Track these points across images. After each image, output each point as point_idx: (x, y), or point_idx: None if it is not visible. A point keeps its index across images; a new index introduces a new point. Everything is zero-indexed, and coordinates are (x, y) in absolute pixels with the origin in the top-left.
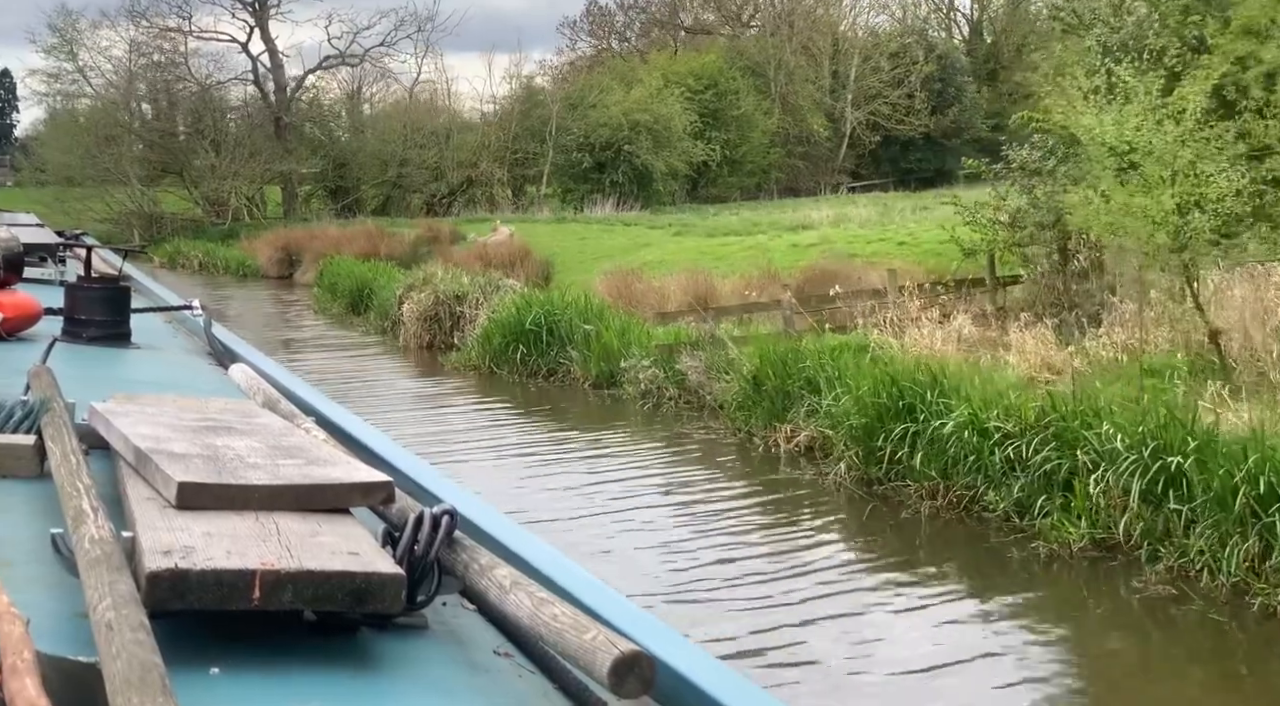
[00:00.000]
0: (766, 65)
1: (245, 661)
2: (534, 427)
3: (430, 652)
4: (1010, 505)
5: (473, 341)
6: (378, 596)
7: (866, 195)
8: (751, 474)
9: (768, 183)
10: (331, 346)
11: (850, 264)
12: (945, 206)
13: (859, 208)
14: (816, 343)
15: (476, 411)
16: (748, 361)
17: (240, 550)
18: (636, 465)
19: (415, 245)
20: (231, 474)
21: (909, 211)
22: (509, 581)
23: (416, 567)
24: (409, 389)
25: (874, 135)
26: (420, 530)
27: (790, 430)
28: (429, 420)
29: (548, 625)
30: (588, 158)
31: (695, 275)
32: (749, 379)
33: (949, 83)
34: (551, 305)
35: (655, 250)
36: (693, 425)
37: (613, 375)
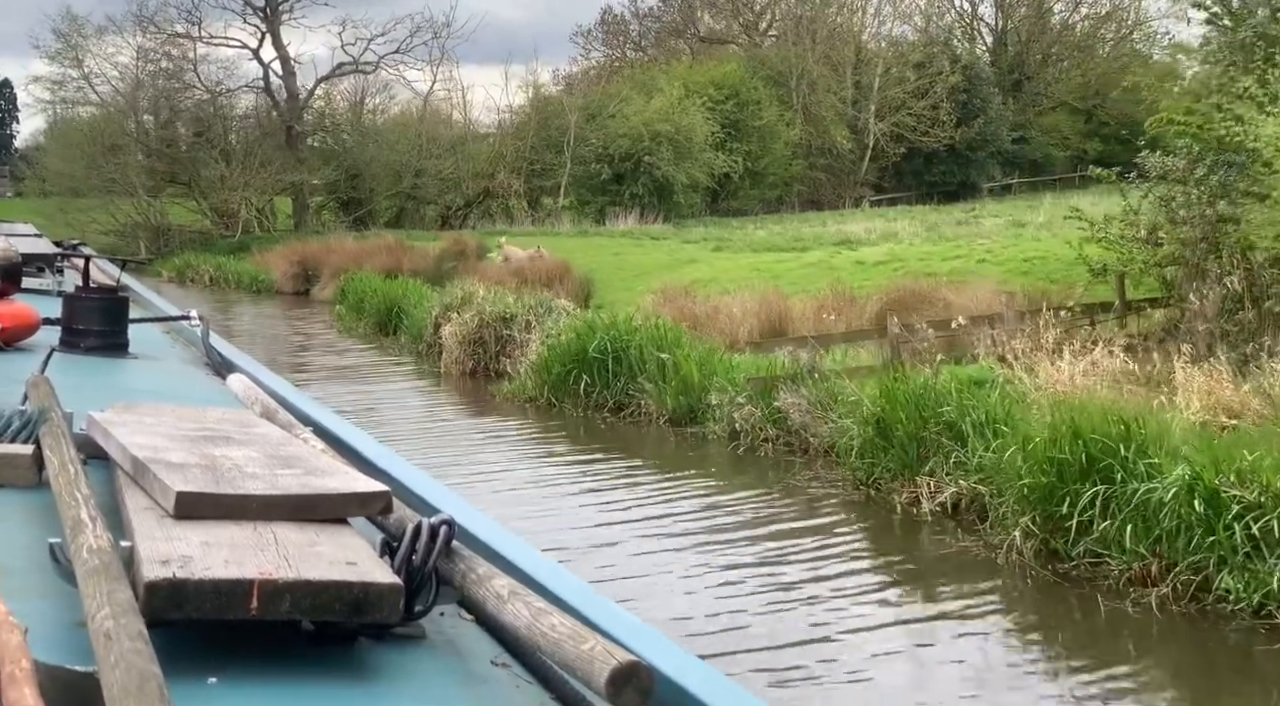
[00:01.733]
0: (788, 75)
1: (243, 671)
2: (608, 473)
3: (428, 663)
4: (1261, 596)
5: (526, 370)
6: (375, 606)
7: (893, 209)
8: (889, 540)
9: (789, 196)
10: (363, 372)
11: (934, 284)
12: (988, 219)
13: (895, 222)
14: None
15: (538, 454)
16: (869, 401)
17: (238, 560)
18: (742, 527)
19: (440, 260)
20: (229, 483)
21: (952, 226)
22: (507, 591)
23: (414, 577)
24: (458, 425)
25: (898, 147)
26: (418, 540)
27: (932, 485)
28: (486, 464)
29: (545, 635)
30: (606, 169)
31: (766, 297)
32: (872, 421)
33: (974, 93)
34: (617, 330)
35: (702, 267)
36: (799, 474)
37: (692, 411)
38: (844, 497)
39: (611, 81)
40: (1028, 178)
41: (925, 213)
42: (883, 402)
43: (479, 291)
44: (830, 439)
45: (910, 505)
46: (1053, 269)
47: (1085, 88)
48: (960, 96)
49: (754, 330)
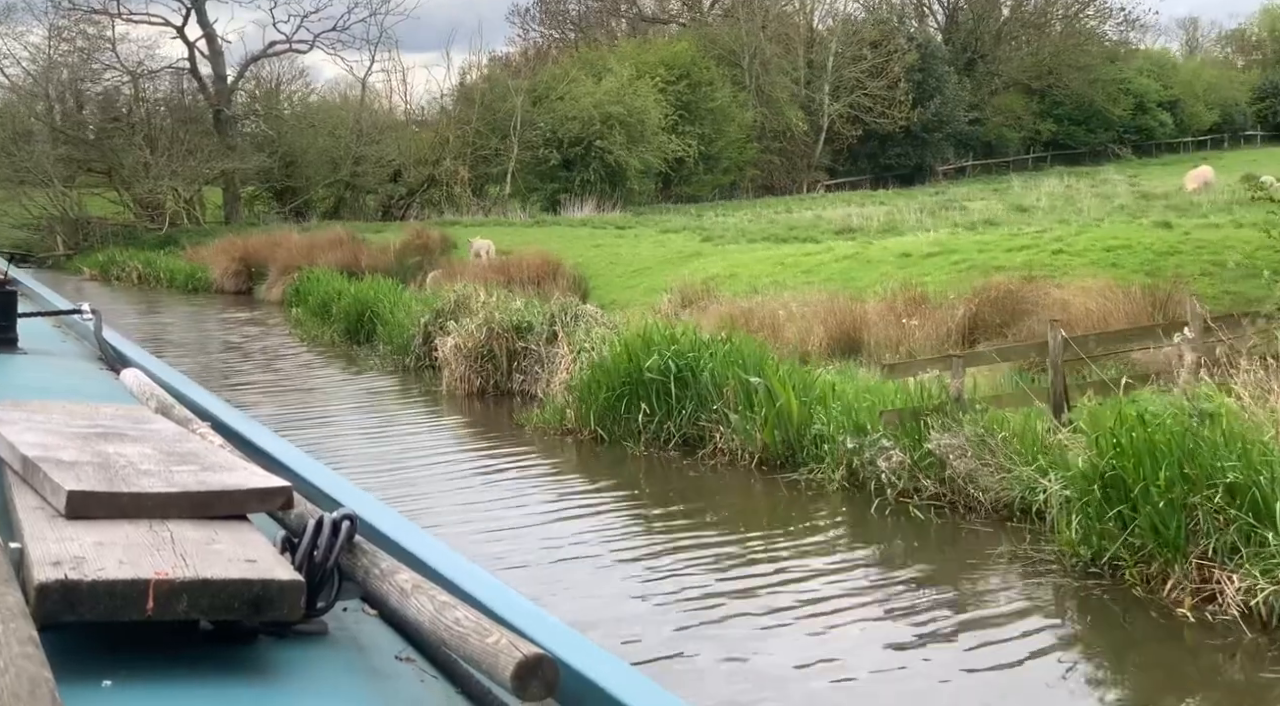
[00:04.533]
0: (741, 54)
1: (139, 673)
2: (703, 542)
3: (330, 659)
4: None
5: (560, 393)
6: (276, 603)
7: (855, 192)
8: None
9: (742, 180)
10: (343, 394)
11: (1022, 281)
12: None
13: (872, 207)
14: (1144, 409)
15: (600, 512)
16: (1086, 449)
17: (133, 560)
18: (945, 639)
19: (402, 255)
20: (123, 481)
21: (935, 212)
22: (410, 585)
23: (316, 573)
24: (477, 467)
25: (854, 129)
26: (320, 535)
27: (1231, 579)
28: (518, 524)
29: (450, 629)
30: (555, 154)
31: (831, 300)
32: (1095, 477)
33: (930, 73)
34: (678, 344)
35: (712, 262)
36: (977, 545)
37: (791, 451)
38: (1064, 584)
39: (558, 62)
40: (981, 160)
41: (891, 196)
42: (1111, 451)
43: (478, 294)
44: (1005, 494)
45: (1198, 606)
46: (1144, 260)
47: (1039, 66)
48: (916, 76)
49: (822, 340)
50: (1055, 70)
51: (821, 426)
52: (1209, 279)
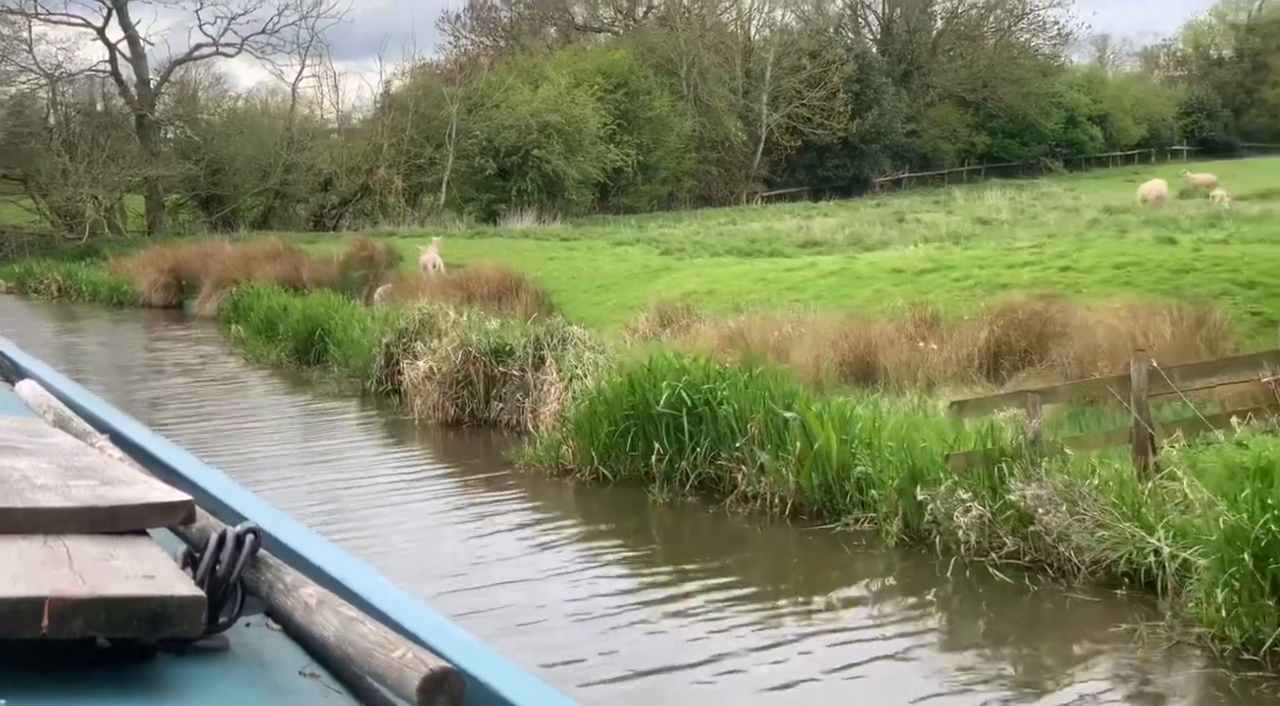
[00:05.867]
0: (679, 63)
1: (34, 692)
2: (739, 612)
3: (232, 675)
4: None
5: (553, 426)
6: (175, 620)
7: (794, 204)
8: None
9: (680, 191)
10: (300, 423)
11: (1060, 304)
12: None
13: (818, 219)
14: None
15: (608, 568)
16: (1210, 505)
17: (28, 576)
18: None
19: (346, 268)
20: (18, 496)
21: (891, 224)
22: (315, 600)
23: (218, 588)
24: (461, 511)
25: (793, 140)
26: (222, 549)
27: None
28: (510, 577)
29: (355, 644)
30: (492, 163)
31: (844, 322)
32: (1244, 540)
33: (868, 84)
34: (689, 374)
35: (685, 277)
36: (1090, 619)
37: (830, 498)
38: (1216, 676)
39: (493, 69)
40: (918, 172)
41: (834, 208)
42: (1262, 511)
43: (446, 313)
44: (1106, 556)
45: None
46: (1159, 278)
47: (973, 79)
48: (854, 87)
49: (836, 366)
50: (989, 83)
51: (865, 469)
52: (1230, 298)
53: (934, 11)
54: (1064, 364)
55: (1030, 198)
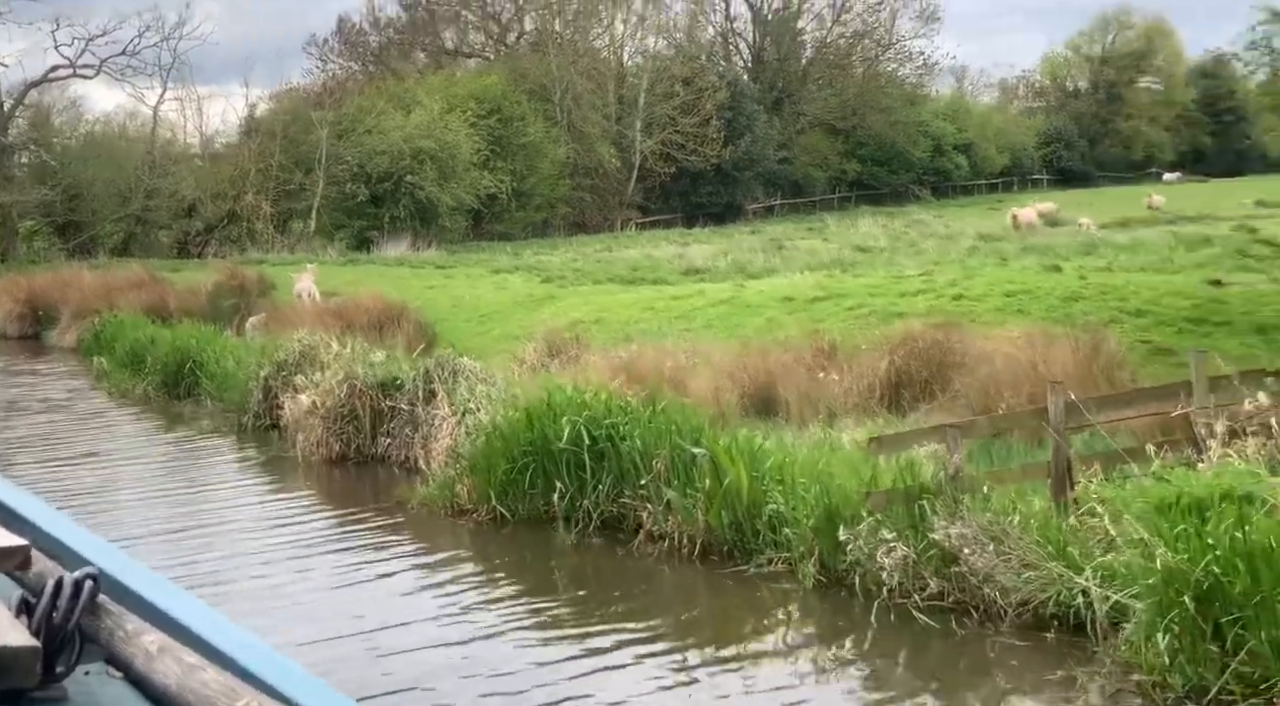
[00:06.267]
0: (552, 88)
1: None
2: (655, 668)
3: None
4: None
5: (446, 463)
6: (9, 670)
7: (670, 230)
8: None
9: (554, 217)
10: (172, 461)
11: (958, 333)
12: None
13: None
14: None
15: (490, 610)
16: (1157, 556)
17: None
18: None
19: (215, 297)
20: None
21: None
22: (157, 647)
23: (55, 637)
24: (351, 557)
25: (667, 166)
26: (60, 596)
27: None
28: (397, 633)
29: (197, 692)
30: (363, 190)
31: (744, 351)
32: (1184, 582)
33: (740, 111)
34: (590, 408)
35: (572, 305)
36: (1025, 665)
37: (741, 537)
38: None
39: (364, 94)
40: (790, 199)
41: (709, 235)
42: (1204, 551)
43: (328, 344)
44: (1035, 597)
45: None
46: (1050, 306)
47: (843, 107)
48: (727, 114)
49: (736, 397)
50: (859, 111)
51: (778, 507)
52: (1120, 326)
53: (804, 40)
54: (968, 395)
55: (902, 225)
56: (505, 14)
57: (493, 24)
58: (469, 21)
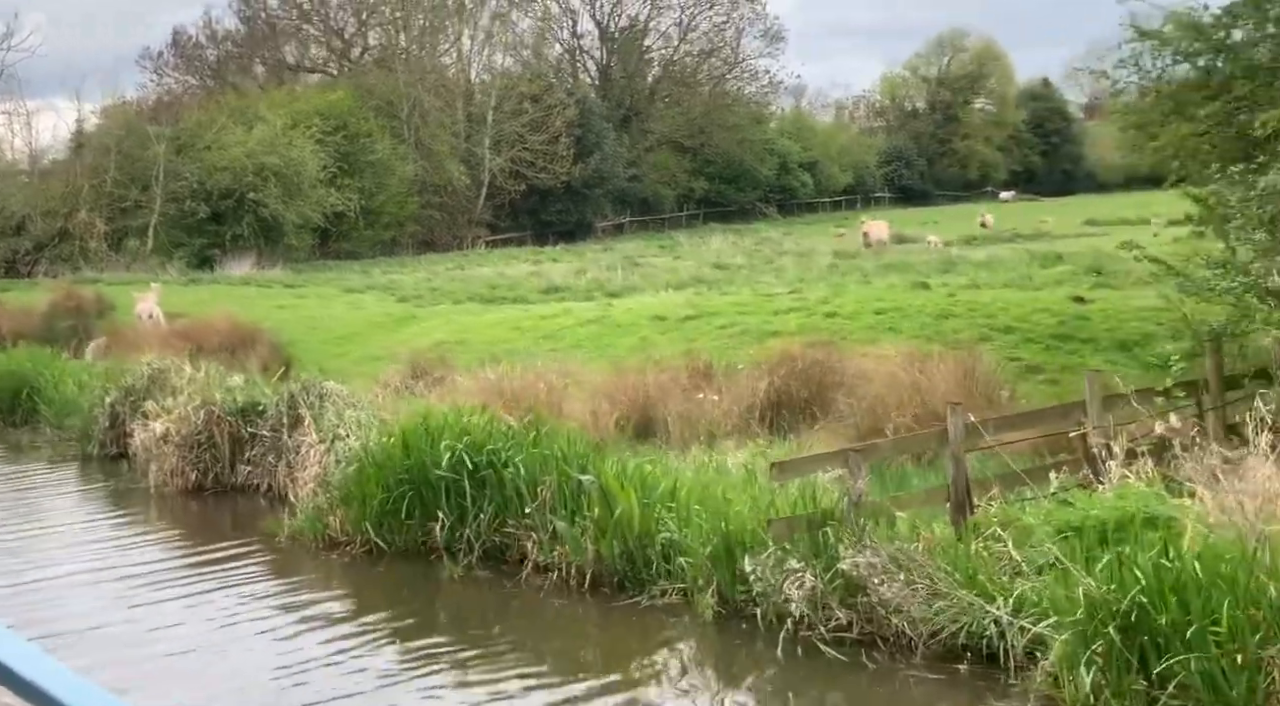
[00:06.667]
0: (399, 105)
1: None
2: None
3: None
4: None
5: (319, 493)
6: None
7: (521, 249)
8: None
9: (403, 236)
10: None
11: (835, 352)
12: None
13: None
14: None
15: (363, 653)
16: (1078, 585)
17: None
18: None
19: (51, 318)
20: None
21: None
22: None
23: None
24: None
25: (517, 184)
26: None
27: None
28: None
29: None
30: (204, 207)
31: (619, 372)
32: (1110, 616)
33: (589, 128)
34: (471, 433)
35: (434, 326)
36: (946, 702)
37: (634, 567)
38: None
39: (204, 109)
40: (639, 216)
41: (561, 253)
42: (1131, 580)
43: (182, 368)
44: (947, 628)
45: None
46: (922, 324)
47: (690, 125)
48: (576, 131)
49: (611, 419)
50: (706, 129)
51: (671, 535)
52: (990, 343)
53: (651, 58)
54: (855, 415)
55: (752, 243)
56: (348, 29)
57: (336, 39)
58: (311, 36)
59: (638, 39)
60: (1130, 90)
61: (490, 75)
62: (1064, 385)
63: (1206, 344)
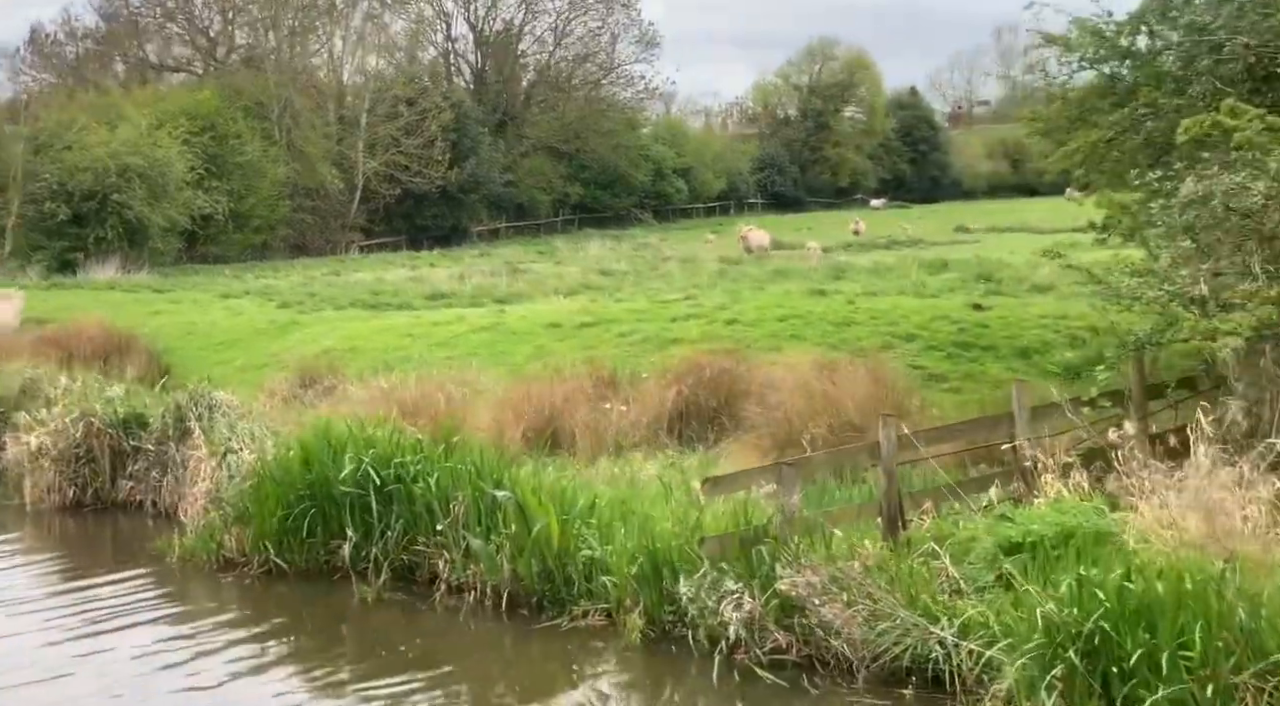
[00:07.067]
0: (270, 106)
1: None
2: None
3: None
4: None
5: (211, 510)
6: None
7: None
8: None
9: (274, 240)
10: None
11: (743, 360)
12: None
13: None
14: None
15: (257, 682)
16: (1036, 607)
17: None
18: None
19: None
20: None
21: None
22: None
23: None
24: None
25: (392, 188)
26: None
27: None
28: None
29: None
30: (64, 209)
31: (522, 381)
32: (1069, 636)
33: (465, 133)
34: (377, 446)
35: (318, 333)
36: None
37: (554, 587)
38: None
39: (63, 108)
40: (515, 221)
41: (439, 258)
42: (1092, 603)
43: (56, 378)
44: (891, 651)
45: None
46: (824, 331)
47: (565, 130)
48: (452, 135)
49: (517, 430)
50: (581, 134)
51: (593, 553)
52: (893, 352)
53: (526, 63)
54: (769, 425)
55: (630, 248)
56: (214, 27)
57: (201, 37)
58: (175, 34)
59: (513, 43)
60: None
61: (363, 77)
62: (966, 393)
63: (1130, 354)
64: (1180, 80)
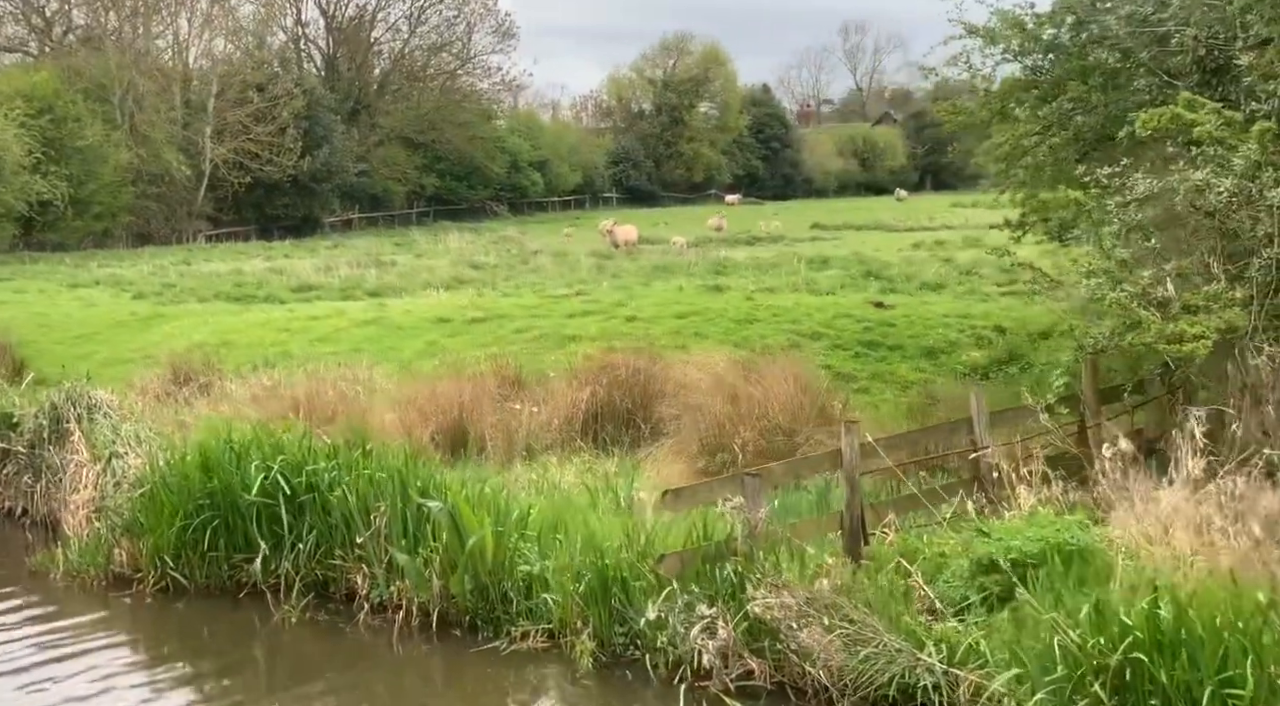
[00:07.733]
0: (111, 89)
1: None
2: None
3: None
4: None
5: (97, 520)
6: None
7: (247, 244)
8: None
9: (117, 227)
10: None
11: (656, 360)
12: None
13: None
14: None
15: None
16: (1054, 637)
17: None
18: None
19: None
20: None
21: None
22: None
23: None
24: None
25: (242, 176)
26: None
27: None
28: None
29: None
30: None
31: (423, 379)
32: (1089, 665)
33: (317, 121)
34: (286, 452)
35: (185, 327)
36: None
37: (489, 605)
38: None
39: None
40: (368, 212)
41: (293, 249)
42: (1118, 633)
43: None
44: (875, 678)
45: None
46: (726, 329)
47: (421, 121)
48: (304, 123)
49: (425, 432)
50: (437, 125)
51: (531, 568)
52: (799, 351)
53: (379, 50)
54: (696, 429)
55: (489, 241)
56: (50, 6)
57: (36, 16)
58: (7, 12)
59: (365, 30)
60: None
61: (210, 61)
62: (874, 393)
63: (1085, 358)
64: (1114, 74)
